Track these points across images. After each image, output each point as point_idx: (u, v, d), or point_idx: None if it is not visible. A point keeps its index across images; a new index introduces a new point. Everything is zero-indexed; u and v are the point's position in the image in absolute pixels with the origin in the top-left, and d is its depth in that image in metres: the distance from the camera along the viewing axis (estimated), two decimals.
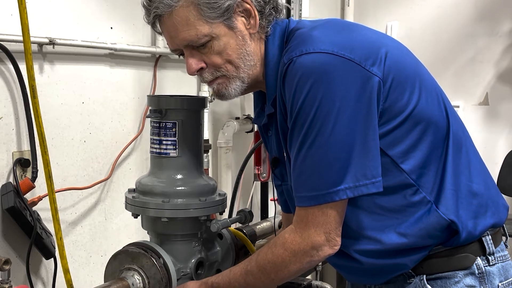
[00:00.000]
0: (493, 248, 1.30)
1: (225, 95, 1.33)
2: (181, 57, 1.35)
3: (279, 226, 1.80)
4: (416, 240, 1.26)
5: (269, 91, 1.32)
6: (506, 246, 1.37)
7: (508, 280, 1.32)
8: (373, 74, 1.19)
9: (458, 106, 3.56)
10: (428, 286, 1.27)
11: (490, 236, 1.30)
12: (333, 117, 1.17)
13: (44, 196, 2.02)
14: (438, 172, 1.26)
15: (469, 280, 1.27)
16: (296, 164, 1.23)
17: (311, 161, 1.20)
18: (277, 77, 1.28)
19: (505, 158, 3.36)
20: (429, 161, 1.26)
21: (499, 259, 1.31)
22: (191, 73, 1.32)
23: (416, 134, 1.24)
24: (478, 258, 1.28)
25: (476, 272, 1.28)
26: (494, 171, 3.30)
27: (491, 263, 1.30)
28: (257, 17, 1.29)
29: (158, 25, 1.31)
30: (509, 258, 1.35)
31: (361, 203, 1.25)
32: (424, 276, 1.28)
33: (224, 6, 1.25)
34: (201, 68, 1.31)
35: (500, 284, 1.30)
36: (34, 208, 2.04)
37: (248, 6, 1.28)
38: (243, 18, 1.29)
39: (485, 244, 1.29)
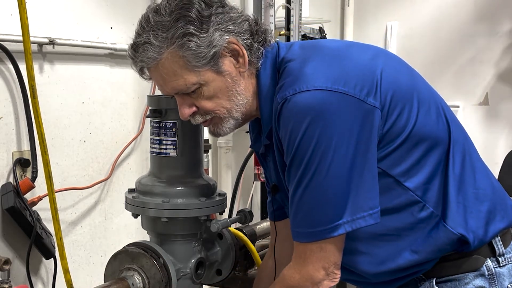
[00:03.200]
0: (503, 249, 1.29)
1: (221, 134, 1.33)
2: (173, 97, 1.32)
3: None
4: (428, 255, 1.25)
5: (264, 122, 1.31)
6: None
7: None
8: (370, 105, 1.18)
9: (458, 106, 3.56)
10: None
11: (499, 238, 1.29)
12: (330, 155, 1.15)
13: (44, 196, 2.02)
14: (441, 186, 1.25)
15: (478, 282, 1.26)
16: (294, 200, 1.22)
17: (308, 199, 1.19)
18: (271, 110, 1.26)
19: (505, 158, 3.35)
20: (433, 176, 1.25)
21: (509, 260, 1.30)
22: (184, 119, 1.30)
23: (417, 152, 1.23)
24: (488, 259, 1.28)
25: (486, 273, 1.27)
26: (494, 171, 3.27)
27: (501, 264, 1.29)
28: (246, 56, 1.25)
29: (146, 72, 1.29)
30: None
31: (372, 228, 1.23)
32: (434, 279, 1.27)
33: (209, 54, 1.21)
34: (193, 112, 1.29)
35: (510, 285, 1.29)
36: (34, 208, 2.03)
37: (235, 46, 1.24)
38: (231, 58, 1.25)
39: (495, 245, 1.28)
